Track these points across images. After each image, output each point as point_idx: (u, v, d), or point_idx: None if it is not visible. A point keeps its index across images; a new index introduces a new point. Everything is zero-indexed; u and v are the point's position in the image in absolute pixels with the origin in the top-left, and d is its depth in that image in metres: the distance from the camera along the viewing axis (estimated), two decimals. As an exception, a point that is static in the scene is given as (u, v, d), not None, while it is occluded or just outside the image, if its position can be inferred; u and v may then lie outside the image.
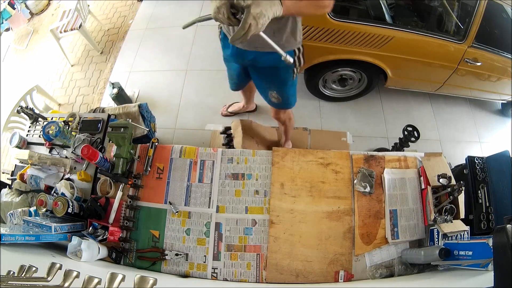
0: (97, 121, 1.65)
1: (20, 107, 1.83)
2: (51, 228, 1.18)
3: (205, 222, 1.35)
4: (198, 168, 1.44)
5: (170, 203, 1.36)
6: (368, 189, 1.36)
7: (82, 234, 1.27)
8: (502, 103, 2.80)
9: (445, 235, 1.23)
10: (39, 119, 1.80)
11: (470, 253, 1.10)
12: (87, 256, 1.17)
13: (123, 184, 1.40)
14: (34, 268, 0.77)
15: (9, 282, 0.68)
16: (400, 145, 2.05)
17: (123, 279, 0.64)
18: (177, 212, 1.35)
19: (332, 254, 1.29)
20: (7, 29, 4.05)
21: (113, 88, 2.46)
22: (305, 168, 1.42)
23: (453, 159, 1.61)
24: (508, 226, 0.74)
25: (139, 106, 1.98)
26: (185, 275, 1.29)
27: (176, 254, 1.30)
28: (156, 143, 1.48)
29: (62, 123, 1.60)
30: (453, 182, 1.30)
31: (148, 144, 1.48)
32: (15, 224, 1.32)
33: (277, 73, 1.44)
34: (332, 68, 2.27)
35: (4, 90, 2.97)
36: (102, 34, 3.51)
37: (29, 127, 1.78)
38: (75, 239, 1.20)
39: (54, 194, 1.40)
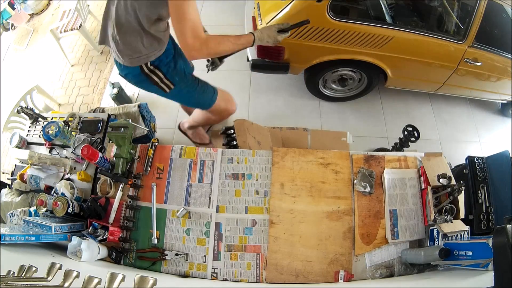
0: (97, 121, 1.65)
1: (20, 107, 1.83)
2: (51, 228, 1.18)
3: (205, 222, 1.35)
4: (198, 168, 1.44)
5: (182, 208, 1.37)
6: (368, 189, 1.36)
7: (82, 234, 1.27)
8: (502, 103, 2.80)
9: (445, 235, 1.23)
10: (39, 119, 1.80)
11: (470, 253, 1.10)
12: (87, 256, 1.17)
13: (123, 184, 1.40)
14: (34, 268, 0.77)
15: (9, 282, 0.69)
16: (400, 145, 2.05)
17: (123, 279, 0.64)
18: (183, 215, 1.35)
19: (332, 254, 1.29)
20: (7, 28, 4.05)
21: (113, 88, 2.46)
22: (305, 168, 1.42)
23: (453, 159, 1.61)
24: (508, 226, 0.74)
25: (139, 106, 1.98)
26: (185, 275, 1.29)
27: (176, 254, 1.30)
28: (156, 143, 1.48)
29: (62, 123, 1.60)
30: (453, 182, 1.30)
31: (148, 144, 1.48)
32: (15, 224, 1.32)
33: None
34: (332, 68, 2.27)
35: (4, 90, 2.97)
36: (102, 34, 3.51)
37: (29, 127, 1.78)
38: (75, 239, 1.20)
39: (54, 194, 1.40)
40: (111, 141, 1.49)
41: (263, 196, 1.38)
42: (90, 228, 1.30)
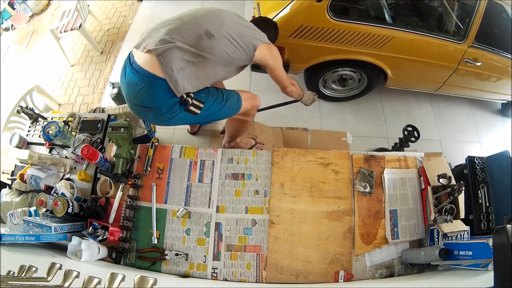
0: (97, 121, 1.65)
1: (20, 107, 1.83)
2: (51, 228, 1.18)
3: (205, 222, 1.35)
4: (198, 168, 1.44)
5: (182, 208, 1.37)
6: (368, 189, 1.36)
7: (82, 234, 1.27)
8: (502, 103, 2.80)
9: (445, 235, 1.23)
10: (39, 119, 1.80)
11: (470, 253, 1.10)
12: (87, 256, 1.17)
13: (123, 184, 1.40)
14: (34, 268, 0.77)
15: (9, 282, 0.69)
16: (400, 145, 2.05)
17: (123, 279, 0.64)
18: (183, 215, 1.35)
19: (332, 254, 1.29)
20: (7, 29, 4.05)
21: (113, 88, 2.45)
22: (305, 168, 1.42)
23: (453, 159, 1.60)
24: (508, 226, 0.74)
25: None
26: (185, 275, 1.29)
27: (176, 254, 1.30)
28: (156, 143, 1.48)
29: (62, 123, 1.60)
30: (453, 182, 1.30)
31: (148, 144, 1.48)
32: (15, 224, 1.32)
33: None
34: (332, 68, 2.27)
35: (4, 90, 2.97)
36: (102, 34, 3.51)
37: (29, 127, 1.78)
38: (75, 239, 1.20)
39: (54, 194, 1.40)
40: (111, 141, 1.49)
41: (263, 196, 1.38)
42: (90, 228, 1.30)
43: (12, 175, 1.68)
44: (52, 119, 1.79)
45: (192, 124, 1.65)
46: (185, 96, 1.32)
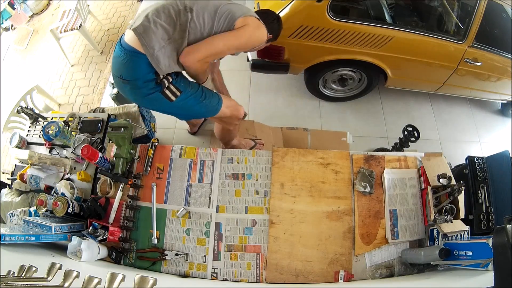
0: (97, 121, 1.65)
1: (20, 107, 1.83)
2: (51, 228, 1.18)
3: (205, 222, 1.35)
4: (198, 168, 1.44)
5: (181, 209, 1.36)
6: (368, 189, 1.36)
7: (82, 234, 1.27)
8: (502, 103, 2.80)
9: (445, 235, 1.23)
10: (39, 119, 1.80)
11: (470, 253, 1.11)
12: (87, 256, 1.17)
13: (123, 184, 1.40)
14: (34, 268, 0.77)
15: (9, 282, 0.69)
16: (400, 145, 2.05)
17: (123, 279, 0.64)
18: (183, 215, 1.35)
19: (332, 254, 1.29)
20: (7, 29, 4.05)
21: (113, 88, 2.45)
22: (305, 168, 1.42)
23: (453, 159, 1.60)
24: (508, 226, 0.74)
25: (139, 106, 1.98)
26: (185, 275, 1.29)
27: (176, 254, 1.30)
28: (156, 143, 1.48)
29: (62, 123, 1.60)
30: (453, 182, 1.30)
31: (148, 144, 1.48)
32: (15, 224, 1.32)
33: None
34: (332, 68, 2.27)
35: (4, 90, 2.97)
36: (102, 34, 3.51)
37: (29, 127, 1.78)
38: (75, 239, 1.20)
39: (54, 194, 1.40)
40: (111, 141, 1.49)
41: (263, 196, 1.38)
42: (90, 228, 1.30)
43: (12, 175, 1.68)
44: (52, 119, 1.79)
45: (170, 115, 1.63)
46: (161, 77, 1.36)
